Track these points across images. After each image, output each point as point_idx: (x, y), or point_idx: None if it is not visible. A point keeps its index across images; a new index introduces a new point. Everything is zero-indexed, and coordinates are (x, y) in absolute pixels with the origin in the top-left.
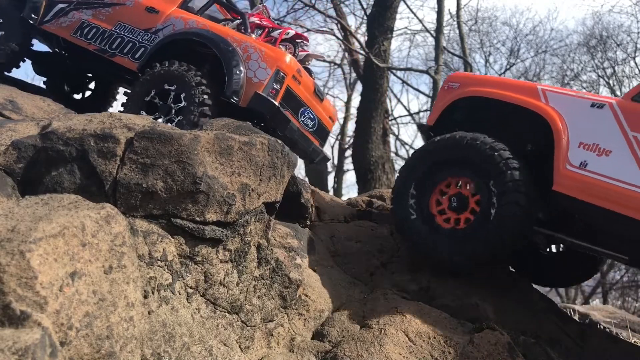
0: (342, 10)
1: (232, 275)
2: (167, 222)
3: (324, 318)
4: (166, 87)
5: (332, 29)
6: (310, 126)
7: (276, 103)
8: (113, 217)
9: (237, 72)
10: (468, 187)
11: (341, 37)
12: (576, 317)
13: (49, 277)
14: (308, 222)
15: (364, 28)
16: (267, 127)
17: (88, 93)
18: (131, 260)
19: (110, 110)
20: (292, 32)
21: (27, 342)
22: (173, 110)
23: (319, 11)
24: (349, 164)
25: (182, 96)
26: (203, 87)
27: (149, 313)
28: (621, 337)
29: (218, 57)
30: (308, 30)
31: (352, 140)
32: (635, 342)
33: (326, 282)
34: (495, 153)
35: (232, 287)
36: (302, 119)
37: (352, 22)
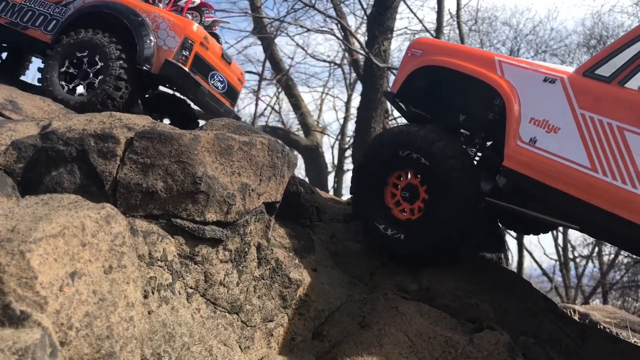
0: (342, 10)
1: (232, 275)
2: (167, 222)
3: (324, 318)
4: (79, 54)
5: (332, 29)
6: (220, 88)
7: (186, 69)
8: (113, 217)
9: (148, 41)
10: (416, 178)
11: (341, 37)
12: (576, 317)
13: (49, 277)
14: (308, 222)
15: (364, 28)
16: (180, 91)
17: None
18: (131, 260)
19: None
20: (197, 1)
21: (27, 342)
22: (91, 74)
23: (319, 11)
24: (349, 164)
25: (96, 58)
26: (121, 62)
27: (149, 313)
28: (621, 337)
29: (128, 27)
30: (308, 30)
31: (352, 140)
32: (635, 342)
33: (326, 282)
34: (433, 145)
35: (232, 287)
36: (212, 82)
37: (352, 22)
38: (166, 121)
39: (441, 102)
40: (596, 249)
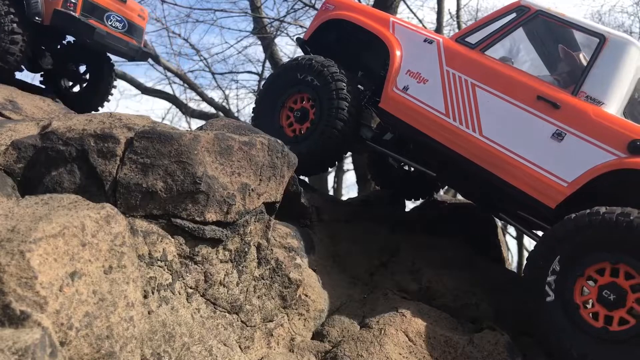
0: None
1: (232, 275)
2: (167, 222)
3: (324, 318)
4: None
5: None
6: (120, 28)
7: (76, 15)
8: (113, 217)
9: None
10: (308, 102)
11: None
12: None
13: (49, 277)
14: (308, 222)
15: None
16: (77, 37)
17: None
18: (131, 260)
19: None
20: None
21: (27, 342)
22: None
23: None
24: (349, 164)
25: None
26: (11, 17)
27: (149, 313)
28: None
29: None
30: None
31: None
32: None
33: (326, 282)
34: (324, 69)
35: (232, 287)
36: (110, 23)
37: None
38: (82, 68)
39: (347, 57)
40: None
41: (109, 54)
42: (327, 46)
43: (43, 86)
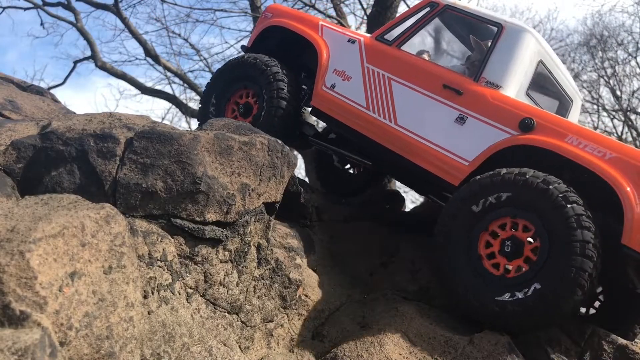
0: (342, 10)
1: (232, 275)
2: (167, 222)
3: (324, 318)
4: None
5: None
6: None
7: None
8: (113, 217)
9: None
10: (253, 98)
11: None
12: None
13: (49, 277)
14: (308, 222)
15: (364, 28)
16: None
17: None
18: (131, 261)
19: None
20: None
21: (27, 342)
22: None
23: (319, 11)
24: None
25: None
26: None
27: (148, 313)
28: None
29: None
30: None
31: None
32: (635, 342)
33: (326, 282)
34: (267, 68)
35: (232, 287)
36: None
37: (352, 22)
38: None
39: (289, 61)
40: None
41: None
42: (270, 52)
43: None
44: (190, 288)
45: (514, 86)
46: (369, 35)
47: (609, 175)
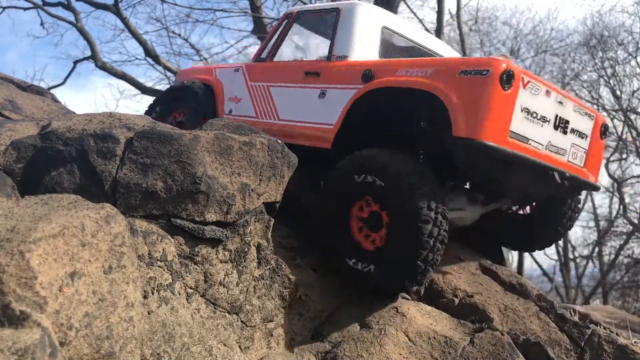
0: None
1: (232, 275)
2: (167, 222)
3: (324, 318)
4: None
5: None
6: None
7: None
8: (113, 217)
9: None
10: (184, 116)
11: None
12: (576, 317)
13: (49, 277)
14: (308, 222)
15: None
16: None
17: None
18: (131, 261)
19: None
20: None
21: (27, 342)
22: None
23: None
24: None
25: None
26: None
27: (148, 313)
28: (621, 337)
29: None
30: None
31: None
32: (635, 342)
33: (326, 282)
34: (194, 96)
35: (232, 287)
36: None
37: None
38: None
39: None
40: (596, 249)
41: None
42: None
43: None
44: (190, 288)
45: (358, 52)
46: (249, 61)
47: (430, 86)
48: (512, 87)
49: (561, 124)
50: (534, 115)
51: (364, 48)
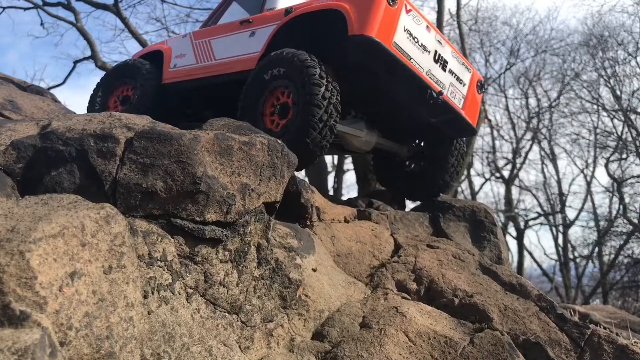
0: None
1: (232, 275)
2: (167, 222)
3: (324, 318)
4: None
5: None
6: None
7: None
8: (113, 217)
9: None
10: (130, 91)
11: None
12: (576, 317)
13: (49, 277)
14: (308, 222)
15: None
16: None
17: None
18: (131, 261)
19: None
20: None
21: (27, 342)
22: None
23: None
24: (349, 164)
25: None
26: None
27: (148, 313)
28: (621, 337)
29: None
30: None
31: None
32: (635, 342)
33: (326, 282)
34: (138, 69)
35: (232, 287)
36: None
37: None
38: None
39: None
40: (596, 249)
41: None
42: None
43: None
44: (190, 288)
45: (282, 3)
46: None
47: (336, 5)
48: (397, 6)
49: (440, 61)
50: (415, 40)
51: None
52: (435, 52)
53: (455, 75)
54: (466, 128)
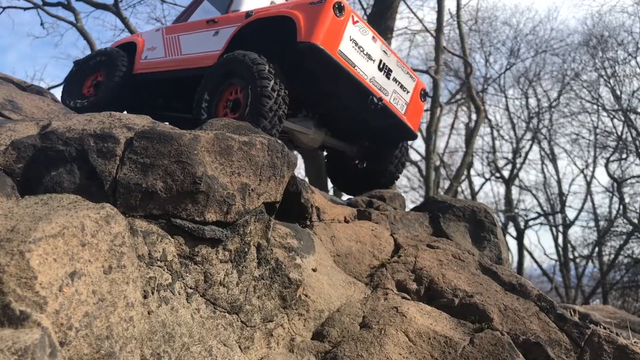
0: None
1: (232, 275)
2: (167, 222)
3: (324, 318)
4: None
5: None
6: None
7: None
8: (113, 217)
9: None
10: (102, 76)
11: None
12: (576, 317)
13: (49, 277)
14: (308, 222)
15: None
16: None
17: None
18: (131, 261)
19: None
20: None
21: (27, 342)
22: None
23: None
24: None
25: None
26: None
27: (148, 313)
28: (621, 337)
29: None
30: None
31: None
32: (635, 342)
33: (326, 282)
34: (111, 59)
35: (232, 287)
36: None
37: None
38: None
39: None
40: (596, 249)
41: None
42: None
43: None
44: (190, 288)
45: (249, 4)
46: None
47: (289, 12)
48: (343, 17)
49: (385, 69)
50: (361, 49)
51: (247, 4)
52: (380, 61)
53: (399, 83)
54: (407, 132)
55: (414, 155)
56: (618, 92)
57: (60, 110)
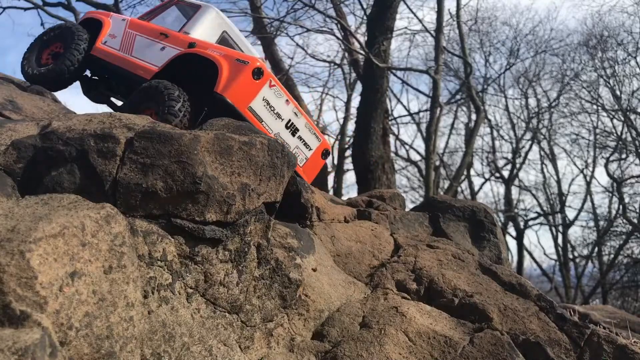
0: (342, 10)
1: (232, 275)
2: (167, 222)
3: (324, 318)
4: None
5: (332, 29)
6: None
7: None
8: (113, 217)
9: None
10: (61, 49)
11: (341, 37)
12: (576, 317)
13: (49, 277)
14: (308, 222)
15: (364, 28)
16: None
17: None
18: (131, 260)
19: None
20: None
21: (27, 342)
22: None
23: (319, 11)
24: (349, 164)
25: None
26: None
27: (148, 313)
28: (621, 337)
29: None
30: (308, 30)
31: (352, 140)
32: (635, 342)
33: (326, 282)
34: (70, 33)
35: (232, 287)
36: None
37: (352, 22)
38: None
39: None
40: (596, 249)
41: None
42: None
43: None
44: (190, 288)
45: (198, 34)
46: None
47: (218, 60)
48: (260, 81)
49: (291, 128)
50: (272, 109)
51: (204, 33)
52: (289, 120)
53: (303, 140)
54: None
55: (414, 155)
56: (618, 92)
57: (61, 110)
